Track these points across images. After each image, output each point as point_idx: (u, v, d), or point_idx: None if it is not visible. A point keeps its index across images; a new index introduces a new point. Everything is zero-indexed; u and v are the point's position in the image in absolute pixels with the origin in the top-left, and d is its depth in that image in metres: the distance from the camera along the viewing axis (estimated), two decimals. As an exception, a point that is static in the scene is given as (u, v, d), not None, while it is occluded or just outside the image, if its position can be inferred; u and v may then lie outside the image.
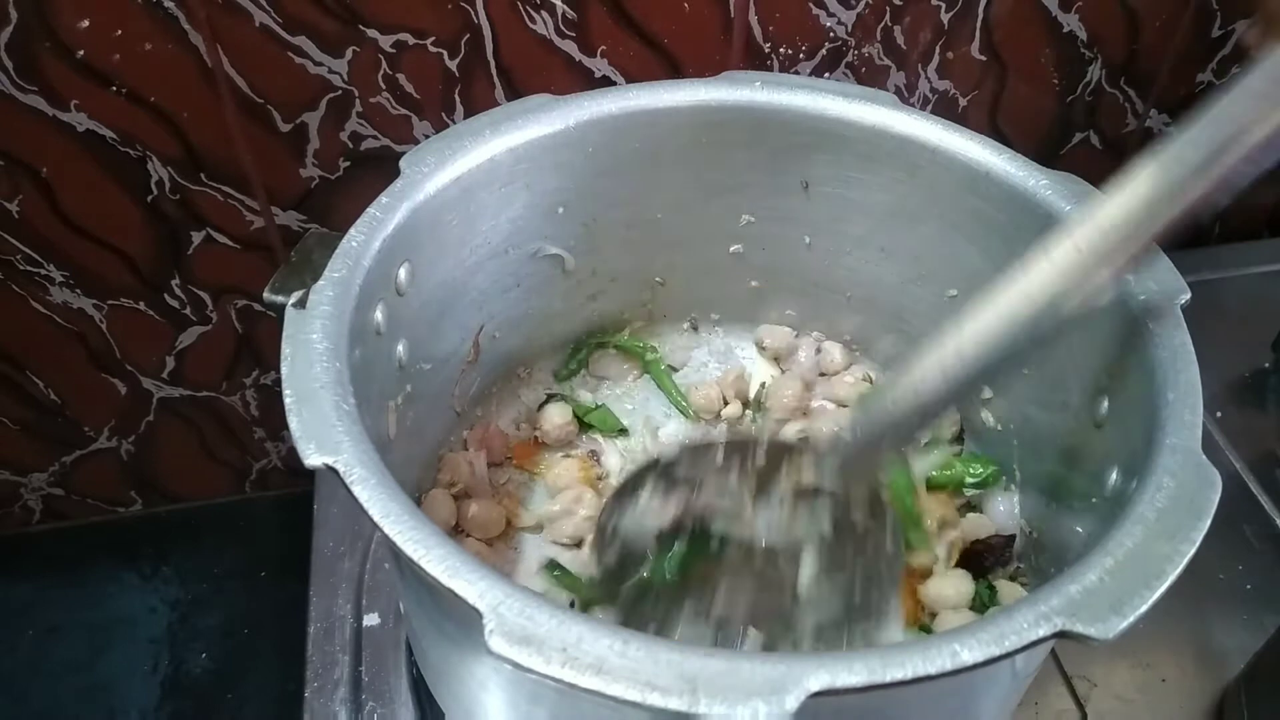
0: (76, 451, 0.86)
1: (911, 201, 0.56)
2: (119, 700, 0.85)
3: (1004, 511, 0.58)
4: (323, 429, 0.38)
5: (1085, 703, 0.58)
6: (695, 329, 0.68)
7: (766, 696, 0.30)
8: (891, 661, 0.32)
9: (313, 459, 0.37)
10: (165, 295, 0.76)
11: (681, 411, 0.65)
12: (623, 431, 0.64)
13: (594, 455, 0.63)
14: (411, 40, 0.66)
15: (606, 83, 0.71)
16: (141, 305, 0.76)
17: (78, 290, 0.74)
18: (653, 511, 0.51)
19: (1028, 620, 0.33)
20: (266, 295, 0.46)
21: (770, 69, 0.73)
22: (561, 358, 0.66)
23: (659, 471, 0.52)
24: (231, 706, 0.85)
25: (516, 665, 0.31)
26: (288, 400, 0.38)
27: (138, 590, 0.91)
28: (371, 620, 0.61)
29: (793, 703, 0.30)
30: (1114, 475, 0.45)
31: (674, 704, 0.30)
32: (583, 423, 0.63)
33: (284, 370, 0.40)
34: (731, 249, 0.63)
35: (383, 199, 0.48)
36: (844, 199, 0.58)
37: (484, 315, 0.58)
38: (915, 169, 0.55)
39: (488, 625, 0.32)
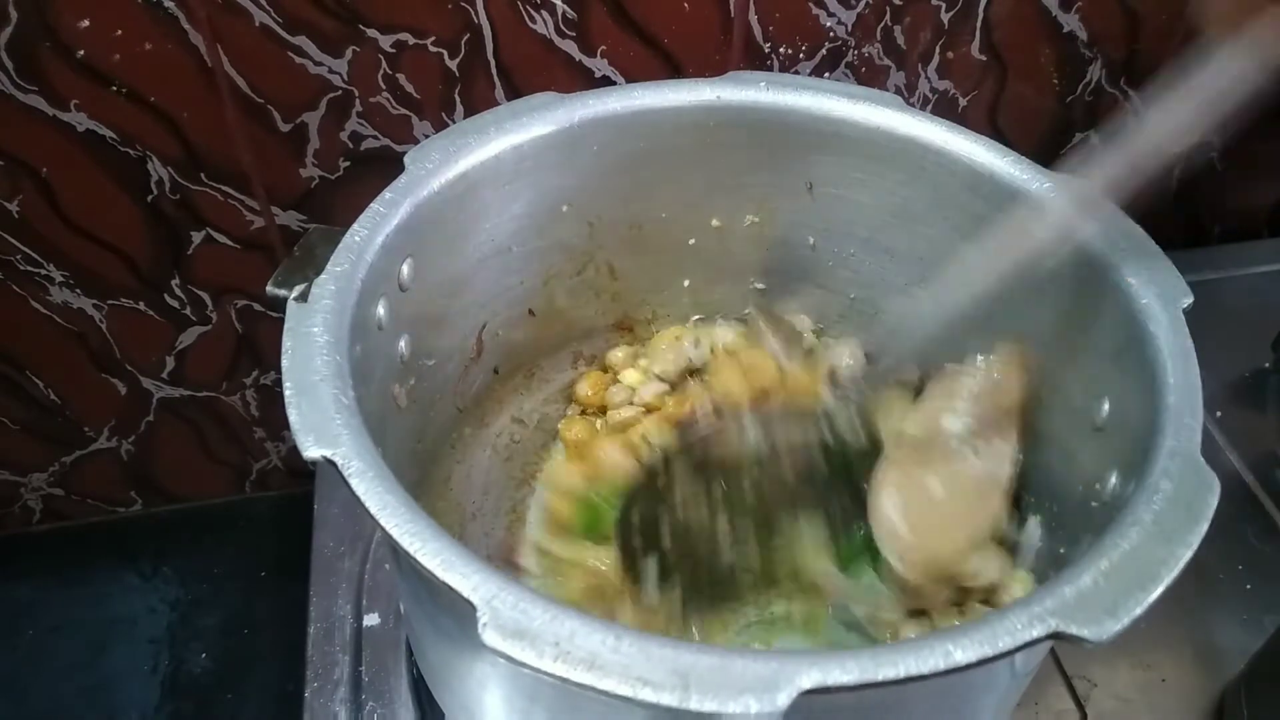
0: (76, 451, 0.86)
1: (916, 203, 0.56)
2: (119, 700, 0.85)
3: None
4: (322, 421, 0.38)
5: (1085, 703, 0.57)
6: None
7: (758, 693, 0.30)
8: (884, 660, 0.32)
9: (311, 451, 0.37)
10: (165, 295, 0.76)
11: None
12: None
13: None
14: (411, 40, 0.66)
15: (606, 83, 0.71)
16: (141, 305, 0.76)
17: (78, 290, 0.74)
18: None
19: (1022, 621, 0.33)
20: (269, 289, 0.46)
21: (770, 69, 0.73)
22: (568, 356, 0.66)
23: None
24: (231, 706, 0.85)
25: (509, 659, 0.31)
26: (287, 392, 0.38)
27: (138, 590, 0.91)
28: (371, 620, 0.61)
29: (784, 700, 0.30)
30: (1113, 479, 0.45)
31: (666, 699, 0.30)
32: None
33: (284, 363, 0.40)
34: (735, 249, 0.63)
35: (386, 194, 0.48)
36: (848, 200, 0.58)
37: (487, 313, 0.58)
38: (920, 171, 0.55)
39: (481, 618, 0.32)
